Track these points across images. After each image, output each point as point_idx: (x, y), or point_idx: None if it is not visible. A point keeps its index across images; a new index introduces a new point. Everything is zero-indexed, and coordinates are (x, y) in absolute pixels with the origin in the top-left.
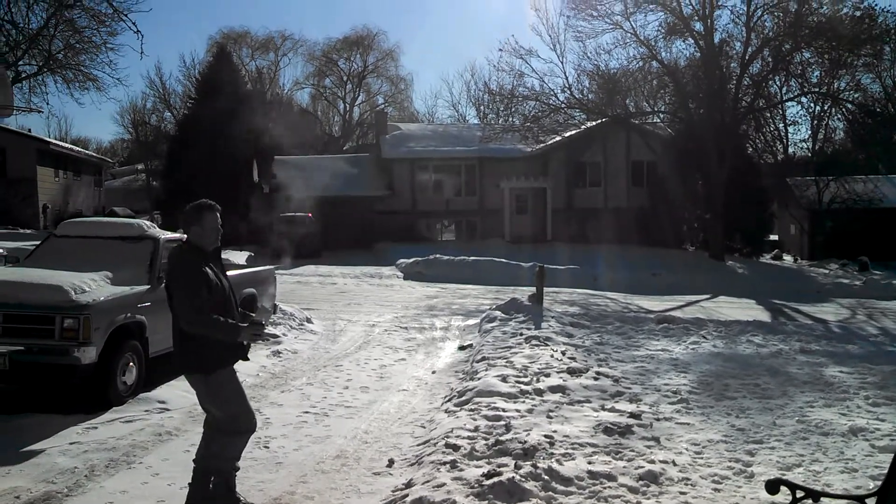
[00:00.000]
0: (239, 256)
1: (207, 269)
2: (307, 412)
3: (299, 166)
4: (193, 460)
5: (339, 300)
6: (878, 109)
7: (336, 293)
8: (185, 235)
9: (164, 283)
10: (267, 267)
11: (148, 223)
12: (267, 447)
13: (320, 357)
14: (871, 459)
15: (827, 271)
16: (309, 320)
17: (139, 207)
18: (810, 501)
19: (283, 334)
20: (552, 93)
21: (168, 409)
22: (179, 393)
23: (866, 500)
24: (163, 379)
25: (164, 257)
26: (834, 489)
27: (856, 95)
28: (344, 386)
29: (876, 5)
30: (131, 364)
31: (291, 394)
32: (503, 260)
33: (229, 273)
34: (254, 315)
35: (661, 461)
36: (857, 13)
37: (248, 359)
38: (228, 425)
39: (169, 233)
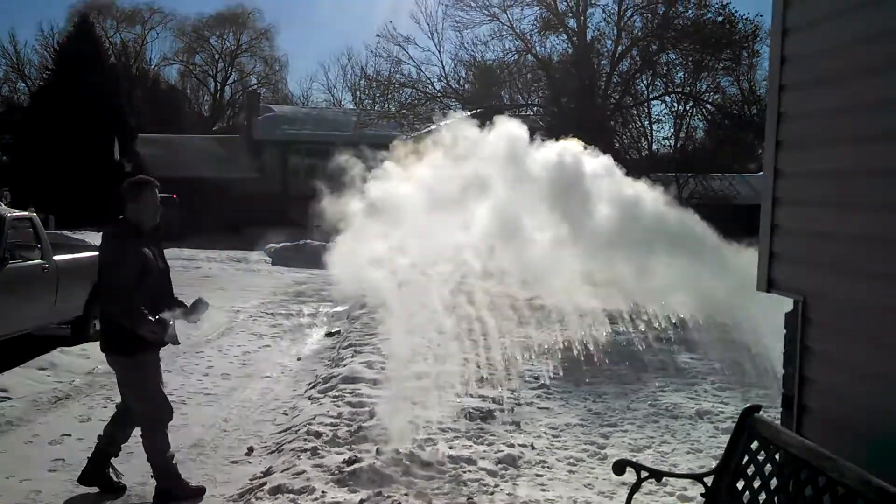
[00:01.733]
0: (97, 237)
1: (145, 249)
2: None
3: (165, 145)
4: (98, 436)
5: (203, 285)
6: (734, 111)
7: (200, 278)
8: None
9: (99, 261)
10: None
11: None
12: None
13: (180, 344)
14: (715, 440)
15: None
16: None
17: None
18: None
19: None
20: (429, 81)
21: (10, 398)
22: (25, 381)
23: (704, 479)
24: (5, 365)
25: (11, 237)
26: (680, 468)
27: (716, 97)
28: (204, 373)
29: (736, 12)
30: None
31: None
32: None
33: (87, 255)
34: (167, 314)
35: (520, 445)
36: (720, 18)
37: (177, 342)
38: (145, 418)
39: (16, 210)
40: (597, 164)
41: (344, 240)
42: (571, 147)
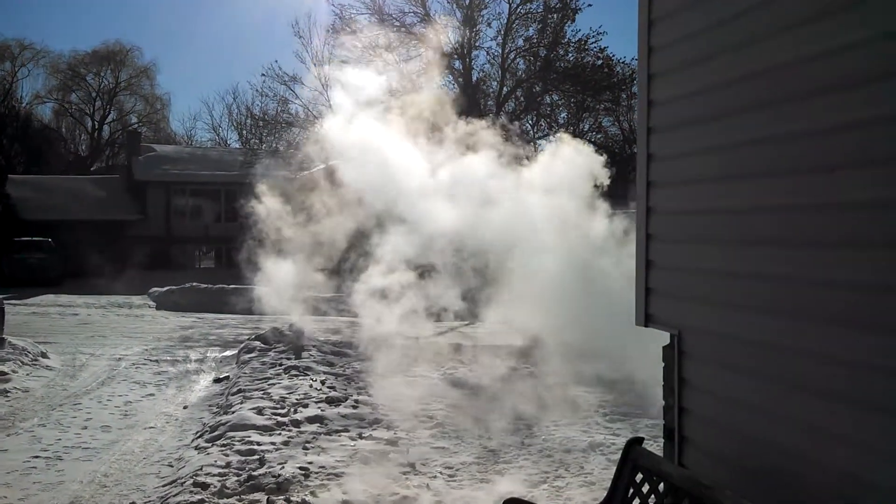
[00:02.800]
0: None
1: None
2: (37, 457)
3: (38, 186)
4: None
5: (81, 332)
6: (616, 150)
7: (78, 324)
8: None
9: None
10: None
11: None
12: None
13: (56, 395)
14: (608, 472)
15: None
16: (44, 355)
17: None
18: None
19: (13, 371)
20: (317, 119)
21: None
22: None
23: None
24: None
25: None
26: (574, 502)
27: (598, 136)
28: (82, 426)
29: (613, 56)
30: None
31: (19, 437)
32: (265, 288)
33: None
34: None
35: (415, 486)
36: (599, 62)
37: None
38: None
39: None
40: None
41: None
42: None
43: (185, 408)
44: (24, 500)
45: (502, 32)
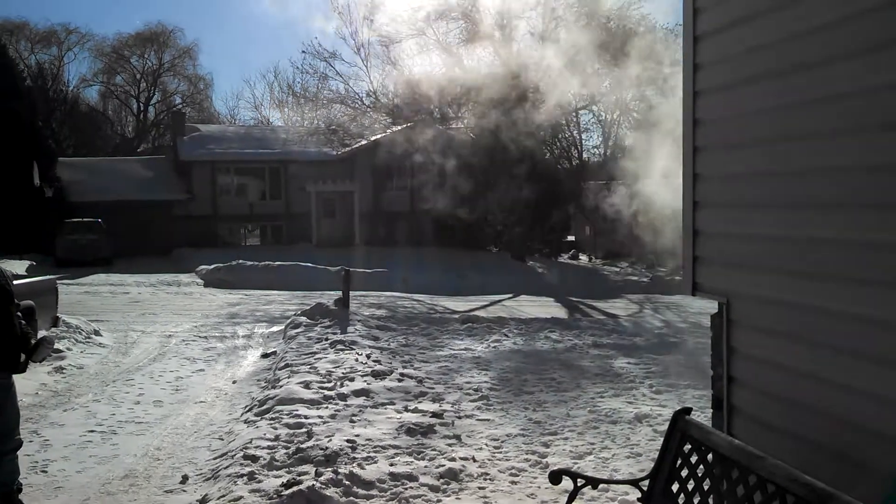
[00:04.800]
0: (18, 266)
1: None
2: (92, 431)
3: (87, 169)
4: None
5: (133, 310)
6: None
7: (129, 303)
8: None
9: None
10: (46, 277)
11: None
12: (45, 471)
13: (109, 371)
14: (654, 444)
15: (618, 269)
16: (97, 332)
17: None
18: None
19: (68, 349)
20: (357, 96)
21: None
22: None
23: (640, 483)
24: None
25: None
26: (621, 473)
27: (641, 105)
28: (135, 401)
29: (656, 22)
30: None
31: (75, 412)
32: (309, 264)
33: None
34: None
35: (461, 458)
36: (641, 28)
37: (18, 371)
38: None
39: None
40: None
41: None
42: None
43: (233, 383)
44: (81, 473)
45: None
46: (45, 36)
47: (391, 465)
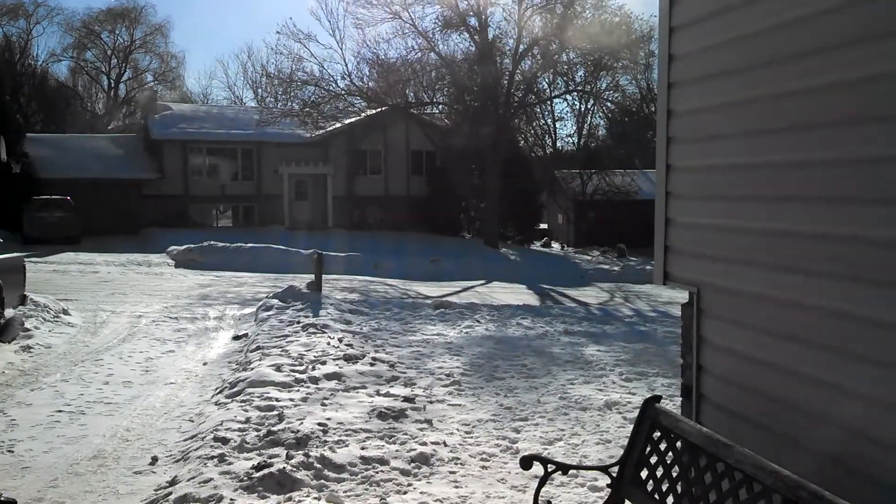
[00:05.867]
0: None
1: None
2: (60, 411)
3: (56, 145)
4: None
5: (102, 290)
6: (633, 109)
7: (98, 282)
8: None
9: None
10: (13, 255)
11: None
12: (11, 451)
13: (78, 351)
14: (624, 430)
15: (590, 258)
16: (66, 312)
17: None
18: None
19: (35, 327)
20: (332, 79)
21: None
22: None
23: (610, 469)
24: None
25: None
26: (591, 460)
27: (616, 95)
28: (104, 381)
29: (632, 13)
30: None
31: (43, 392)
32: (281, 247)
33: None
34: None
35: (432, 443)
36: (616, 19)
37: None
38: None
39: None
40: None
41: None
42: None
43: (204, 364)
44: (48, 453)
45: None
46: (13, 8)
47: (362, 448)
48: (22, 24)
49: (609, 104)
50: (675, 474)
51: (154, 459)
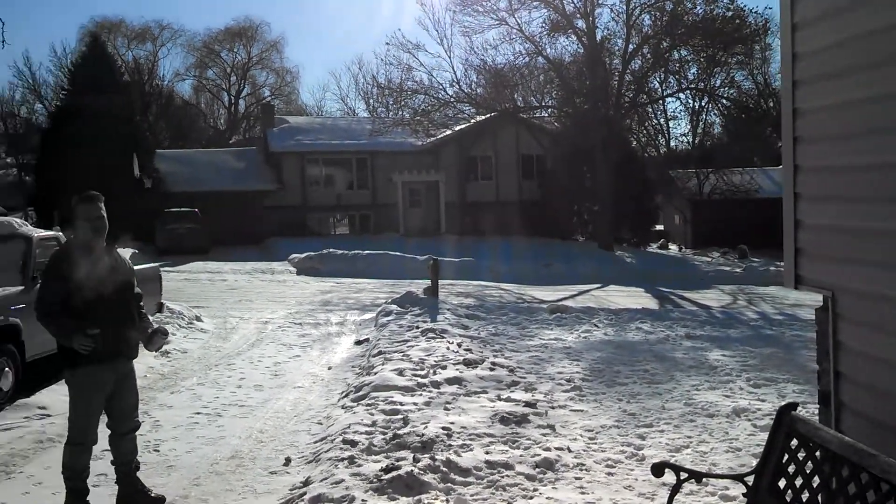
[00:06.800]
0: (123, 254)
1: (82, 263)
2: (199, 413)
3: (183, 160)
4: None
5: (230, 297)
6: (750, 105)
7: (226, 290)
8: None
9: None
10: (151, 265)
11: (19, 221)
12: (157, 450)
13: (211, 356)
14: (754, 438)
15: (709, 259)
16: (198, 318)
17: (12, 203)
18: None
19: (172, 333)
20: (441, 87)
21: (49, 415)
22: (60, 398)
23: (745, 478)
24: (43, 383)
25: (39, 256)
26: (720, 468)
27: (731, 92)
28: (237, 385)
29: (745, 6)
30: (7, 369)
31: (182, 394)
32: (398, 253)
33: None
34: (95, 330)
35: (556, 448)
36: (729, 13)
37: (126, 357)
38: (68, 431)
39: (43, 231)
40: None
41: None
42: None
43: (329, 368)
44: (190, 453)
45: None
46: (141, 33)
47: (487, 452)
48: (149, 48)
49: (724, 101)
50: (815, 484)
51: (287, 460)
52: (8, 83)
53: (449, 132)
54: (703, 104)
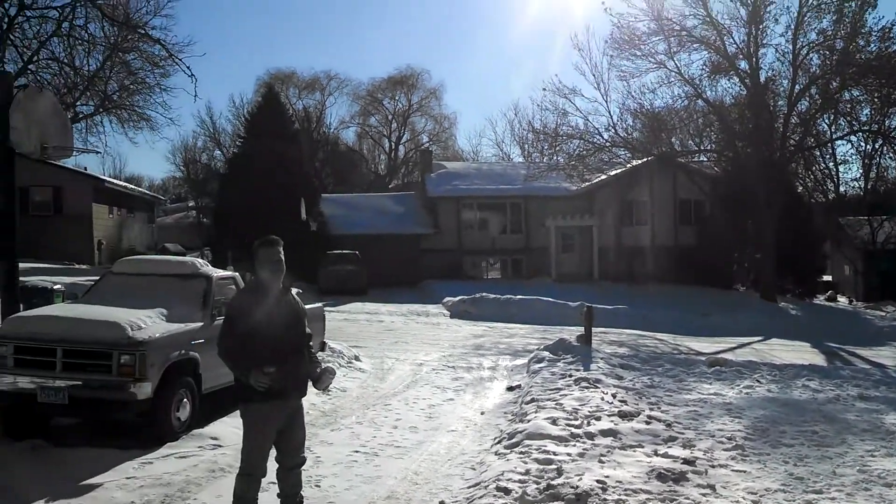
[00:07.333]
0: (297, 296)
1: (262, 304)
2: (357, 451)
3: (346, 204)
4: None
5: (387, 338)
6: None
7: (383, 331)
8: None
9: None
10: (317, 305)
11: (201, 261)
12: (318, 486)
13: (369, 395)
14: None
15: (884, 313)
16: (357, 358)
17: (190, 244)
18: None
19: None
20: (596, 131)
21: (220, 446)
22: (231, 429)
23: None
24: (215, 415)
25: (217, 294)
26: None
27: None
28: (393, 425)
29: None
30: (185, 400)
31: (341, 432)
32: (550, 299)
33: None
34: (271, 369)
35: None
36: None
37: (299, 393)
38: (241, 461)
39: (221, 271)
40: None
41: None
42: None
43: (482, 413)
44: (349, 490)
45: (792, 27)
46: (310, 83)
47: None
48: (318, 97)
49: None
50: None
51: None
52: (192, 132)
53: (603, 177)
54: (876, 147)
